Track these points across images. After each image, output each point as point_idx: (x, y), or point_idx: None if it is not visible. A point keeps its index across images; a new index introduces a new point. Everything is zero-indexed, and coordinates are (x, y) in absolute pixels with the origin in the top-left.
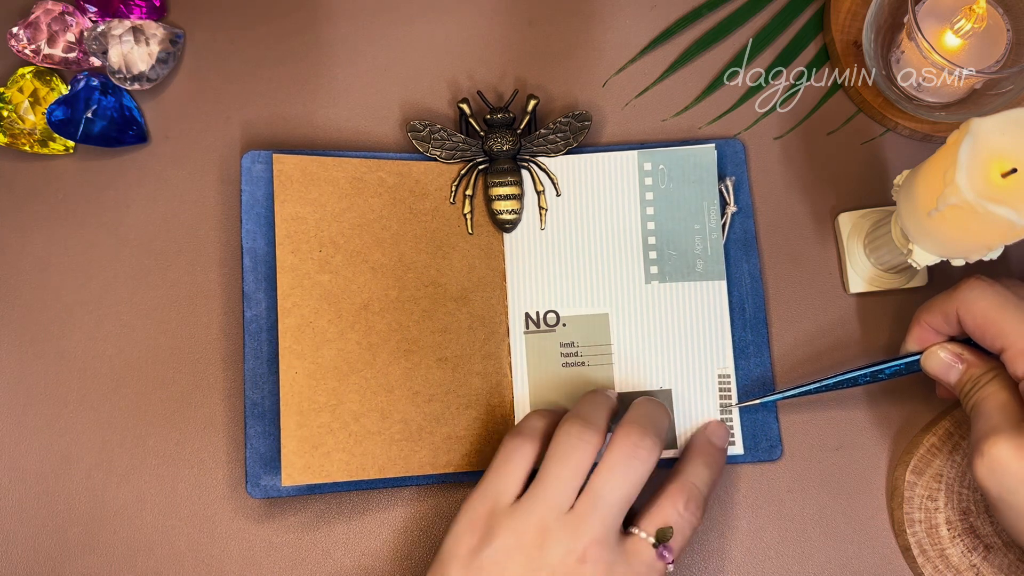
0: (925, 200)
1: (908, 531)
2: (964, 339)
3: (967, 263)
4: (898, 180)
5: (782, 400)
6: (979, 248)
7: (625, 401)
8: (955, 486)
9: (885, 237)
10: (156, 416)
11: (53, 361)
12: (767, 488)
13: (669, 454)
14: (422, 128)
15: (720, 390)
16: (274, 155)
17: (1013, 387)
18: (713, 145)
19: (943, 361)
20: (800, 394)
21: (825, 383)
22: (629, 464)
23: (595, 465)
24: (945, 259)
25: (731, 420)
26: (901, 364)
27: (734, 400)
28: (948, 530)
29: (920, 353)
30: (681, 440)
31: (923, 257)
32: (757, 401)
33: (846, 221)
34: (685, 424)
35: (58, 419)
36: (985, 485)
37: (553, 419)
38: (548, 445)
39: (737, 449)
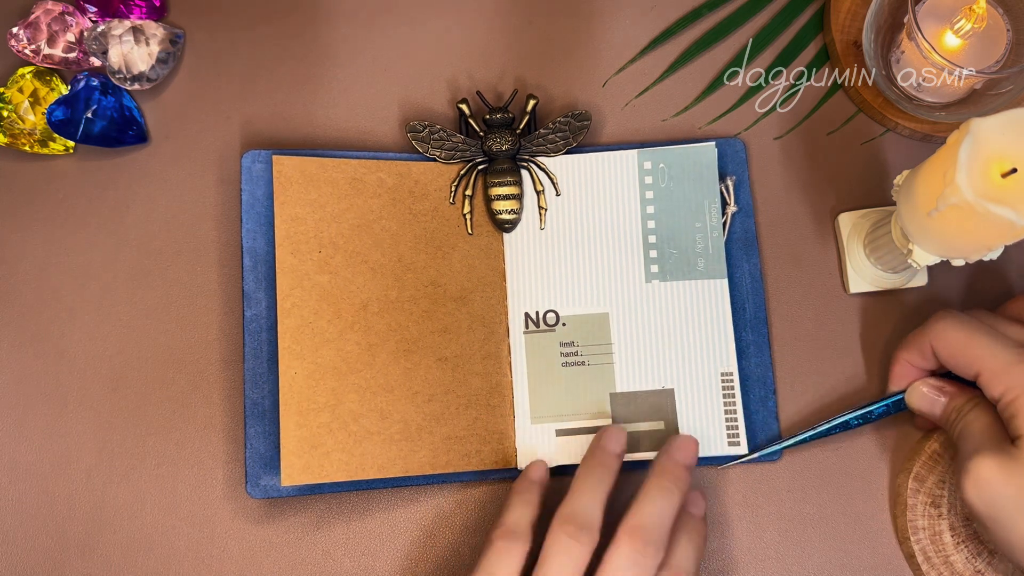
0: (925, 200)
1: (912, 538)
2: (944, 373)
3: (967, 263)
4: (898, 180)
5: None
6: (979, 248)
7: (625, 400)
8: (958, 492)
9: (885, 237)
10: (156, 416)
11: (53, 361)
12: (767, 488)
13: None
14: (421, 128)
15: (723, 389)
16: (273, 156)
17: (993, 411)
18: (714, 143)
19: (926, 395)
20: (799, 443)
21: (821, 430)
22: (630, 571)
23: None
24: (945, 259)
25: (735, 419)
26: (888, 403)
27: (737, 399)
28: (952, 536)
29: (904, 392)
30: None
31: (923, 257)
32: (757, 455)
33: (846, 221)
34: (687, 424)
35: (58, 419)
36: (972, 503)
37: (539, 508)
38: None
39: (742, 449)
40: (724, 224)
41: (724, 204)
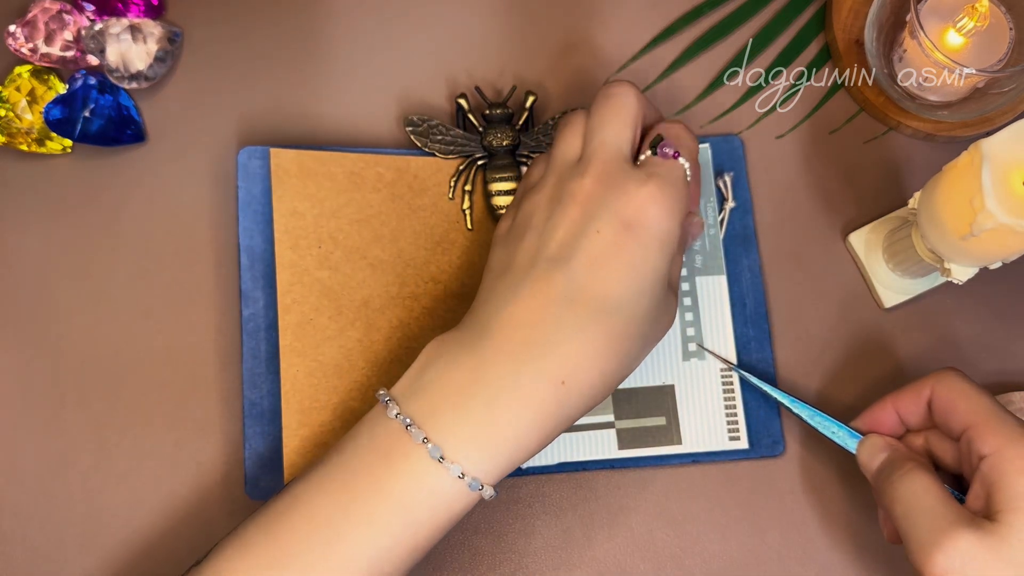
0: (955, 226)
1: None
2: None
3: (1003, 263)
4: (912, 202)
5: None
6: (1019, 251)
7: (626, 396)
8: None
9: (907, 251)
10: (154, 417)
11: (50, 361)
12: (768, 487)
13: (671, 450)
14: (420, 123)
15: (723, 384)
16: (271, 150)
17: (941, 486)
18: (707, 145)
19: (875, 444)
20: (780, 397)
21: (789, 402)
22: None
23: None
24: (983, 267)
25: (735, 414)
26: (844, 430)
27: (737, 394)
28: None
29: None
30: (684, 438)
31: (962, 272)
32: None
33: (858, 240)
34: (689, 421)
35: (55, 420)
36: None
37: None
38: None
39: (742, 444)
40: (722, 221)
41: (722, 200)
